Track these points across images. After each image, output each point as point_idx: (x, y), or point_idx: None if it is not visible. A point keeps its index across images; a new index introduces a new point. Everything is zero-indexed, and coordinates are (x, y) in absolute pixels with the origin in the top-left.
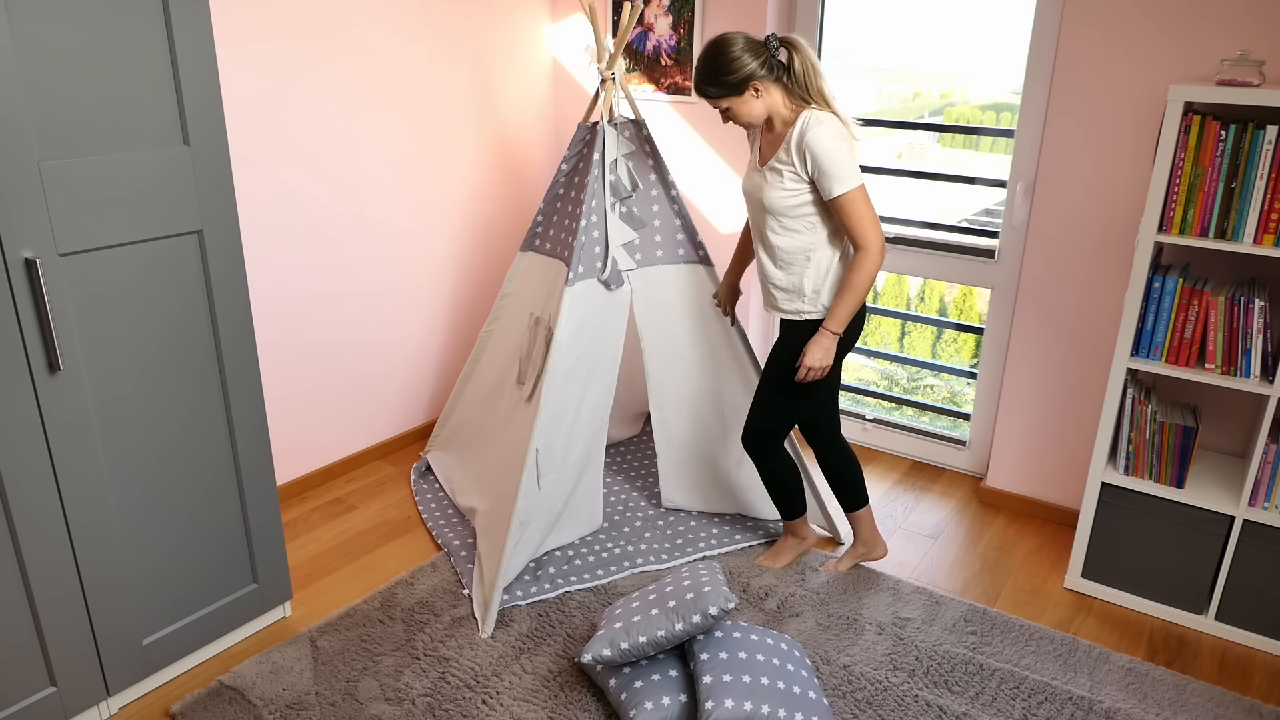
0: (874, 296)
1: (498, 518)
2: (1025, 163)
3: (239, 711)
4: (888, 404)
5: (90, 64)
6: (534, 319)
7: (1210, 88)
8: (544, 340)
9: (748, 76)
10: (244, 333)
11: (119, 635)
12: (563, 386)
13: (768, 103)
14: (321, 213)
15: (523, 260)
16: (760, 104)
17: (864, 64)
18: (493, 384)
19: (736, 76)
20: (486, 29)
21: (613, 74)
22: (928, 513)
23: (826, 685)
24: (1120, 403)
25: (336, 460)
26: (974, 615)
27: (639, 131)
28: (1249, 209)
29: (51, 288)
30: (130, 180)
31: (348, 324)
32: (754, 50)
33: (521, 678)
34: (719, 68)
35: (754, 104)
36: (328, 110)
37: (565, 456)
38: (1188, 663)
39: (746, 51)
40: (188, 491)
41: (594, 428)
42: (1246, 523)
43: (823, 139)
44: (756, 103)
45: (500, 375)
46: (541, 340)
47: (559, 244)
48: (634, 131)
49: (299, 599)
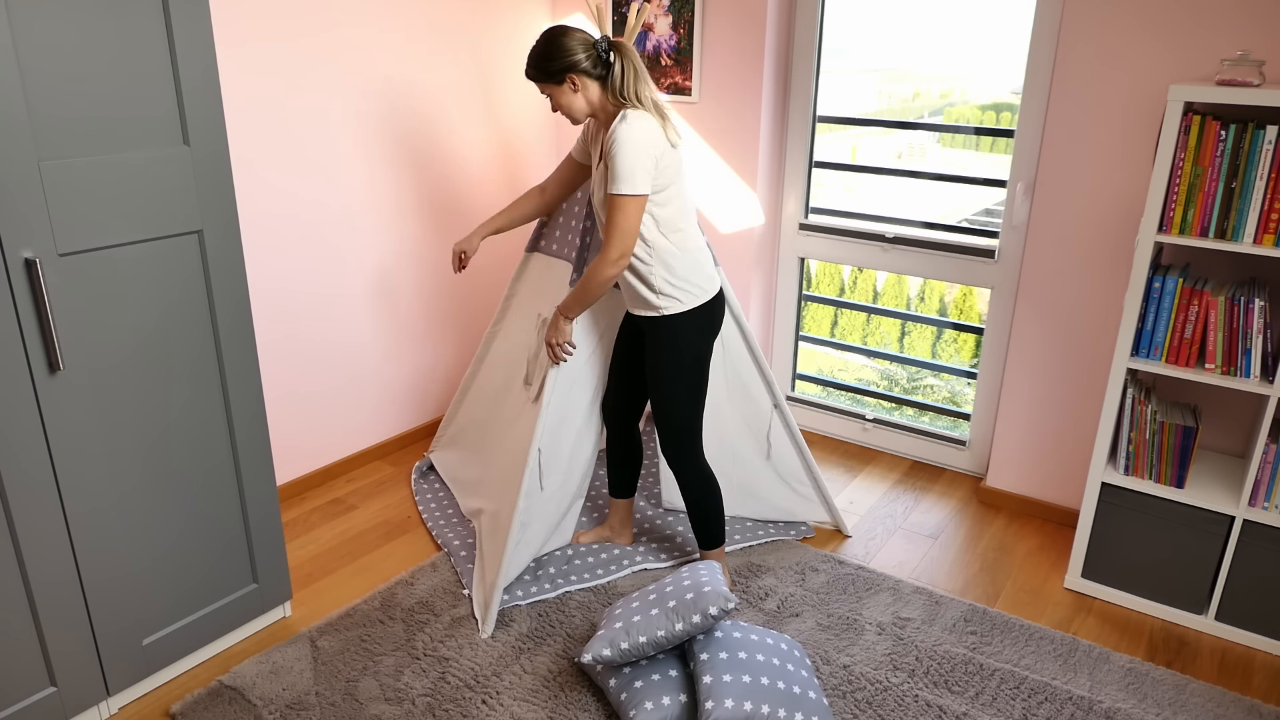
0: (874, 296)
1: (502, 518)
2: (1025, 163)
3: (239, 711)
4: (888, 404)
5: (90, 64)
6: (541, 320)
7: (1210, 88)
8: None
9: (567, 68)
10: (244, 333)
11: (119, 635)
12: (569, 388)
13: (587, 98)
14: (322, 212)
15: (528, 261)
16: (579, 99)
17: (864, 64)
18: (498, 385)
19: (555, 65)
20: (486, 27)
21: None
22: (928, 513)
23: (826, 685)
24: (1120, 403)
25: (336, 460)
26: (974, 615)
27: None
28: (1249, 209)
29: (51, 288)
30: (130, 180)
31: (348, 324)
32: (582, 46)
33: (521, 678)
34: (542, 55)
35: (572, 97)
36: (328, 111)
37: (572, 457)
38: (1188, 663)
39: (573, 45)
40: (188, 491)
41: (599, 430)
42: (1246, 523)
43: (623, 138)
44: (575, 96)
45: (506, 376)
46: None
47: (564, 244)
48: None
49: (299, 599)
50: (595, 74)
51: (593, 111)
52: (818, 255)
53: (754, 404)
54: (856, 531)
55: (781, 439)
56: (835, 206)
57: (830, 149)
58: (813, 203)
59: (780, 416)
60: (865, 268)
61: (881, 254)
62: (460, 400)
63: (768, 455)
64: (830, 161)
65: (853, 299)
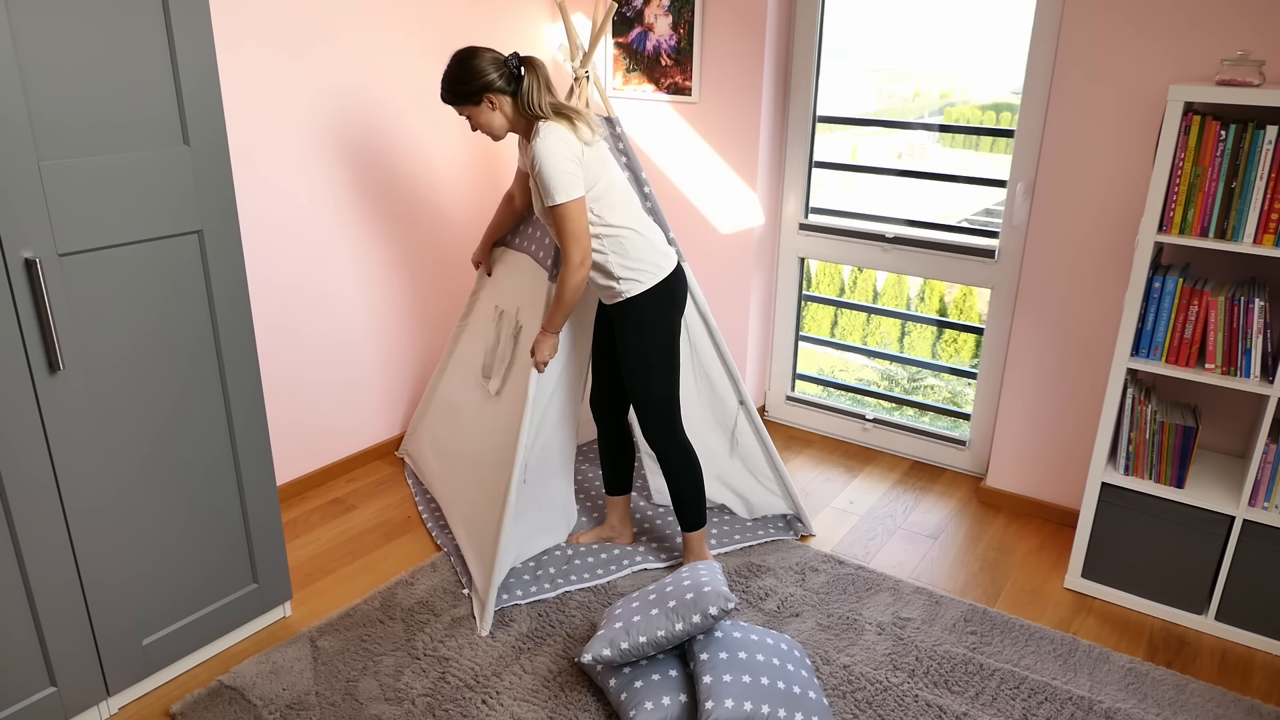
0: (874, 296)
1: (477, 515)
2: (1025, 163)
3: (239, 711)
4: (888, 404)
5: (90, 64)
6: (499, 312)
7: (1210, 88)
8: (511, 334)
9: (482, 88)
10: (244, 332)
11: (119, 635)
12: (537, 380)
13: (504, 114)
14: (322, 212)
15: (493, 257)
16: (497, 116)
17: (864, 64)
18: (464, 381)
19: (471, 87)
20: (485, 27)
21: (586, 72)
22: (928, 513)
23: (826, 685)
24: (1120, 403)
25: (336, 460)
26: (974, 615)
27: (612, 130)
28: (1249, 209)
29: (51, 288)
30: (130, 180)
31: (348, 323)
32: (494, 65)
33: (521, 678)
34: (457, 78)
35: (490, 115)
36: (329, 111)
37: (544, 450)
38: (1188, 663)
39: (486, 65)
40: (188, 491)
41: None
42: (1246, 523)
43: (541, 153)
44: (493, 115)
45: (471, 372)
46: (509, 334)
47: (530, 239)
48: (608, 130)
49: (299, 599)
50: (509, 90)
51: (511, 126)
52: (818, 255)
53: (720, 401)
54: (856, 531)
55: (747, 435)
56: (835, 206)
57: (830, 149)
58: (813, 203)
59: (745, 413)
60: (865, 268)
61: (881, 254)
62: (429, 397)
63: (731, 452)
64: (830, 161)
65: (853, 299)
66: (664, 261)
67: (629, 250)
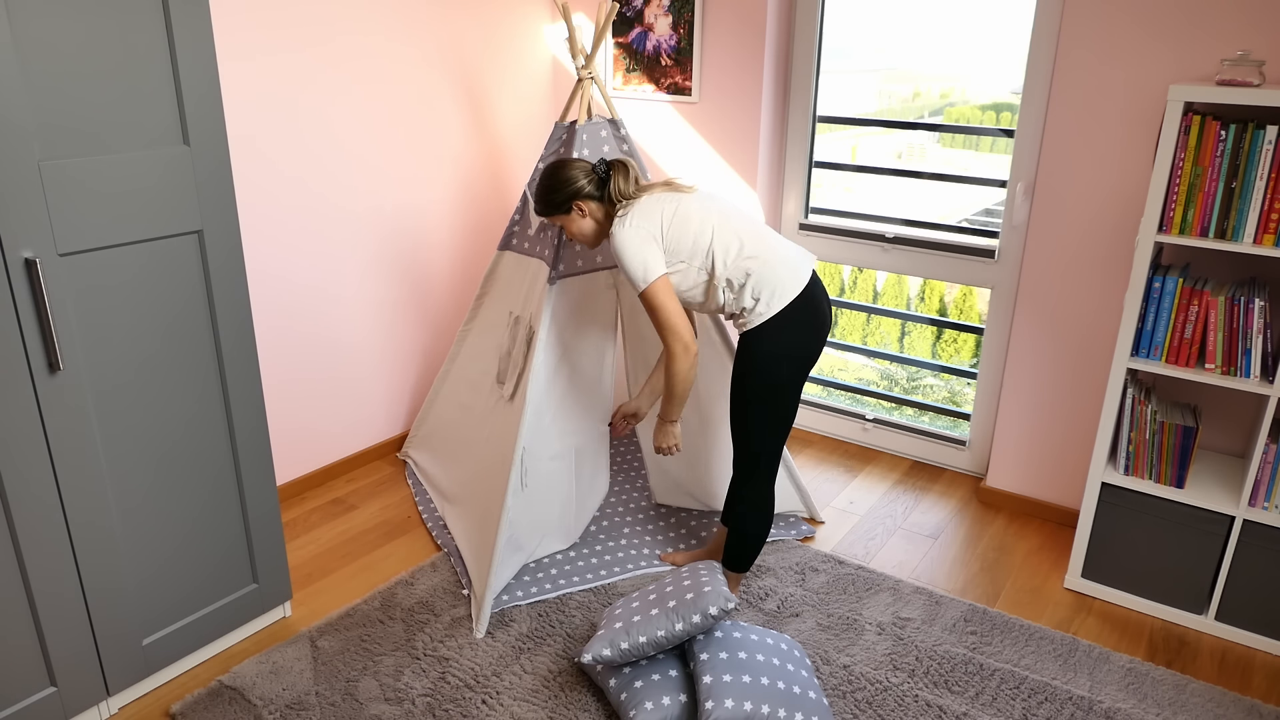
0: (874, 296)
1: (479, 518)
2: (1025, 163)
3: (239, 711)
4: (888, 404)
5: (90, 63)
6: (514, 318)
7: (1210, 88)
8: (525, 339)
9: (572, 196)
10: (244, 332)
11: (119, 635)
12: (547, 386)
13: (594, 218)
14: (322, 212)
15: (500, 259)
16: (588, 221)
17: (864, 64)
18: (470, 384)
19: (560, 196)
20: (485, 28)
21: (589, 73)
22: (928, 513)
23: (826, 685)
24: (1120, 403)
25: (336, 460)
26: (974, 615)
27: (615, 131)
28: (1249, 209)
29: (51, 288)
30: (130, 180)
31: (348, 323)
32: (583, 172)
33: (521, 678)
34: (548, 189)
35: (581, 222)
36: (330, 111)
37: (556, 456)
38: (1188, 663)
39: (575, 174)
40: (188, 491)
41: (584, 428)
42: (1246, 523)
43: (618, 243)
44: (584, 220)
45: (478, 375)
46: (523, 339)
47: (536, 242)
48: (610, 131)
49: (299, 599)
50: (597, 195)
51: (600, 229)
52: (818, 255)
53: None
54: (856, 531)
55: None
56: (835, 206)
57: (830, 149)
58: (813, 203)
59: None
60: (865, 268)
61: (881, 254)
62: (433, 400)
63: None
64: (830, 161)
65: (853, 299)
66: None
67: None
